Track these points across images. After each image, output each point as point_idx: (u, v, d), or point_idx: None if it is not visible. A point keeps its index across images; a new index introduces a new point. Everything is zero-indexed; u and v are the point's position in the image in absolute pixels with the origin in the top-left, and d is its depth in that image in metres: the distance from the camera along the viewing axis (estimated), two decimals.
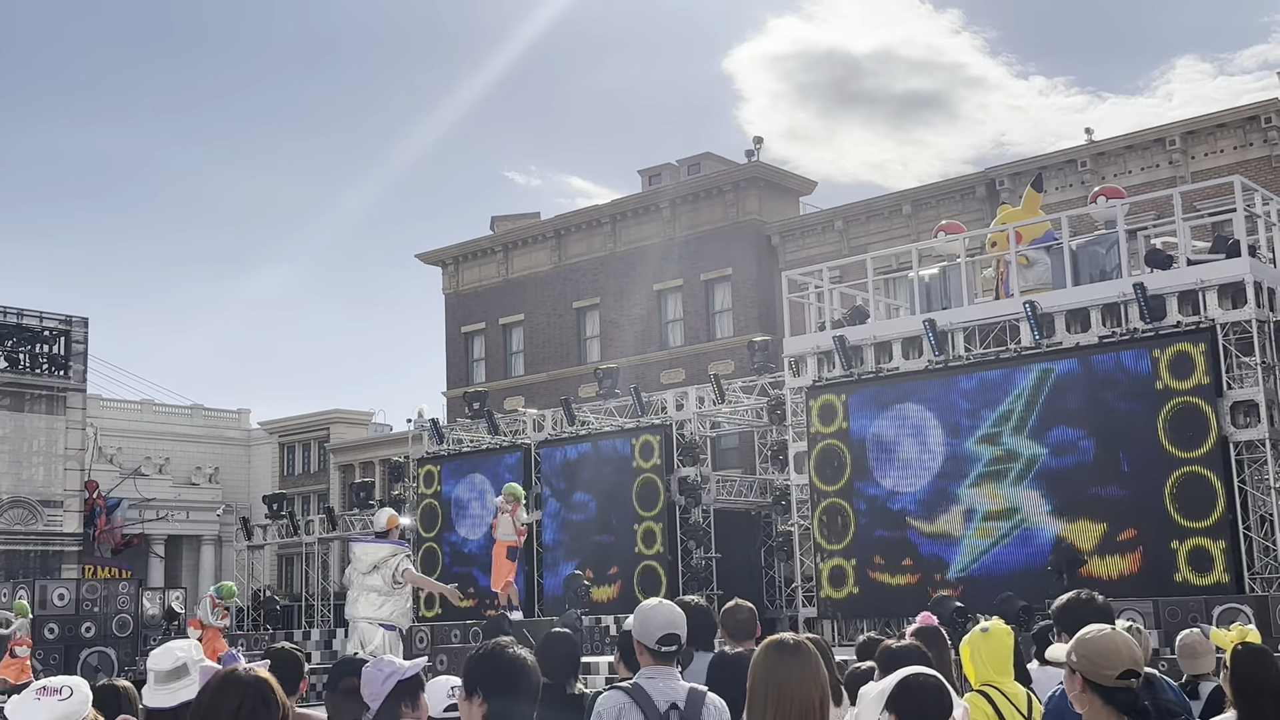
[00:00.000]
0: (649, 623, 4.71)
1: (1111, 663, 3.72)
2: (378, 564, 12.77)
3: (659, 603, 4.91)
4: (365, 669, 4.40)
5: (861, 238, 36.22)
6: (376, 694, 4.22)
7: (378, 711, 4.22)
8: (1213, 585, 17.47)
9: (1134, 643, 3.83)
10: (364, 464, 54.91)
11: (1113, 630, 3.88)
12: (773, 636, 3.99)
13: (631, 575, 25.12)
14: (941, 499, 20.59)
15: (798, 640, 3.88)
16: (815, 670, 3.78)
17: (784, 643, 3.86)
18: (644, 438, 25.64)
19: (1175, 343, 18.44)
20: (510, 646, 3.97)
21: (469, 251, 46.01)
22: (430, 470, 29.45)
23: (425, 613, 28.36)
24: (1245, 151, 31.03)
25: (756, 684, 3.80)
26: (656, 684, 4.56)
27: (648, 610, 4.81)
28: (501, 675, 3.91)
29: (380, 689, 4.22)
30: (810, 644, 3.90)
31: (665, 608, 4.84)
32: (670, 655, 4.65)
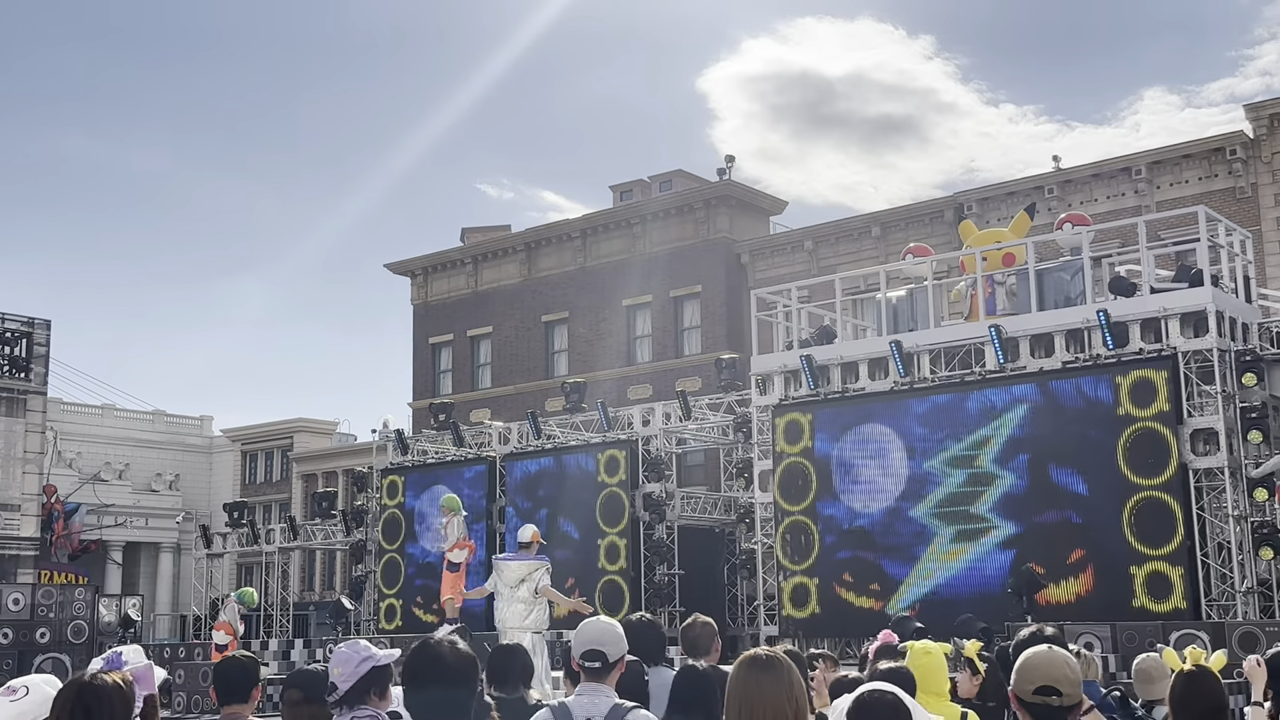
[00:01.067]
0: (575, 639, 4.83)
1: (1030, 678, 3.83)
2: (524, 578, 14.12)
3: (595, 620, 4.97)
4: (340, 649, 4.38)
5: (830, 258, 36.40)
6: (348, 675, 4.19)
7: (346, 692, 4.18)
8: (1170, 611, 17.62)
9: (1062, 662, 3.87)
10: (327, 474, 54.54)
11: (1049, 650, 3.93)
12: (748, 651, 4.02)
13: (594, 590, 25.04)
14: (904, 520, 20.67)
15: (771, 654, 3.90)
16: (788, 684, 3.80)
17: (757, 657, 3.88)
18: (610, 453, 25.61)
19: (1137, 370, 18.62)
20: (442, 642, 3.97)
21: (439, 263, 45.90)
22: (394, 481, 29.29)
23: (385, 625, 28.18)
24: (1210, 183, 31.43)
25: (730, 698, 3.84)
26: (582, 700, 4.62)
27: (581, 627, 4.90)
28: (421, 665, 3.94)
29: (353, 671, 4.18)
30: (785, 658, 3.92)
31: (594, 625, 4.91)
32: (595, 671, 4.71)
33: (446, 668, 3.98)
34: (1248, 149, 31.07)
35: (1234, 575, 17.84)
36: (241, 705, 5.23)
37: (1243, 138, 31.12)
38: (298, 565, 51.58)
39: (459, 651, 4.04)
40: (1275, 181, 30.84)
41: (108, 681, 3.40)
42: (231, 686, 5.25)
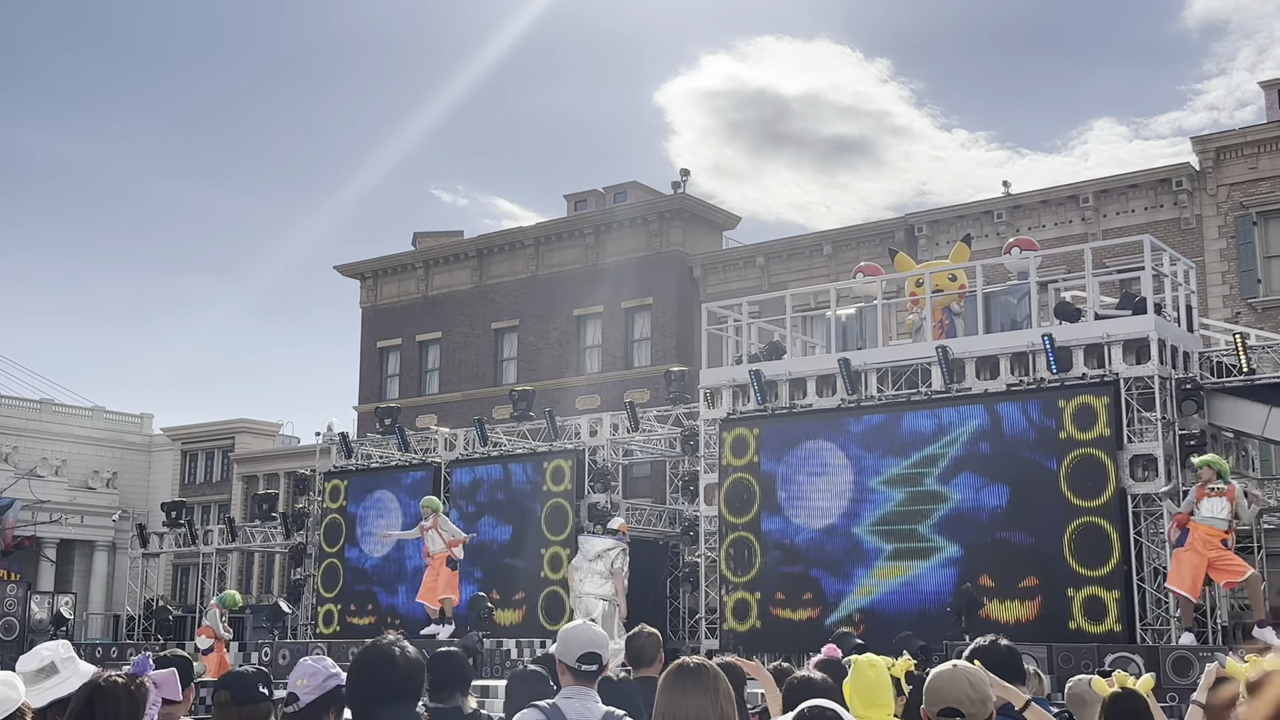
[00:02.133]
0: (570, 641, 4.74)
1: (933, 700, 3.91)
2: (601, 554, 16.66)
3: (581, 623, 4.95)
4: (306, 662, 4.30)
5: (782, 275, 36.60)
6: (312, 689, 4.11)
7: (306, 706, 4.11)
8: (1105, 634, 17.83)
9: (964, 682, 3.90)
10: (269, 475, 53.93)
11: (952, 669, 3.97)
12: (676, 660, 4.01)
13: (537, 600, 24.94)
14: (847, 536, 20.78)
15: (699, 664, 3.90)
16: (714, 693, 3.79)
17: (684, 666, 3.88)
18: (556, 462, 25.53)
19: (1080, 394, 18.86)
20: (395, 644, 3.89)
21: (389, 266, 45.61)
22: (336, 485, 29.00)
23: (323, 629, 27.88)
24: (1156, 213, 31.97)
25: (658, 708, 3.83)
26: (574, 704, 4.55)
27: (569, 630, 4.85)
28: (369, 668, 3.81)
29: (318, 685, 4.11)
30: (713, 667, 3.91)
31: (585, 628, 4.88)
32: (591, 675, 4.67)
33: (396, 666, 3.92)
34: (1193, 181, 31.65)
35: (1168, 600, 18.08)
36: (174, 705, 5.13)
37: (1189, 170, 31.70)
38: (236, 567, 50.95)
39: (407, 654, 3.99)
40: (1219, 214, 31.44)
41: (118, 684, 3.33)
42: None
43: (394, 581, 27.45)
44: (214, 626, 21.42)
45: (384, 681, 3.91)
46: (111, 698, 3.32)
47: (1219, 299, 30.70)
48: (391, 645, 4.01)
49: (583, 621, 4.98)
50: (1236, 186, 31.32)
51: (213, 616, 21.72)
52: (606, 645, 4.80)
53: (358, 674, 3.97)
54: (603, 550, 16.89)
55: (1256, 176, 31.09)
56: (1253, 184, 31.12)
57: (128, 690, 3.36)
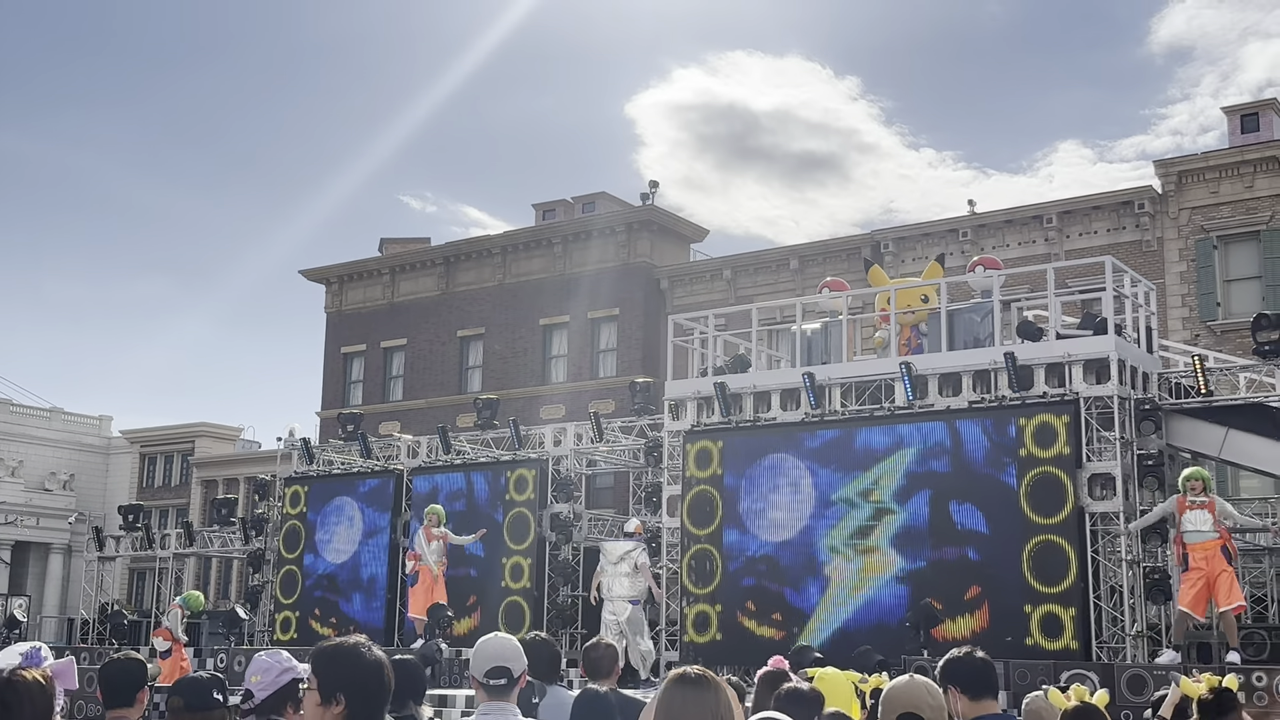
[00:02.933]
0: (477, 655, 4.73)
1: (892, 707, 3.94)
2: (623, 556, 17.78)
3: (494, 636, 4.89)
4: (261, 657, 4.27)
5: (749, 288, 36.73)
6: (267, 685, 4.09)
7: (262, 702, 4.08)
8: (1062, 650, 17.95)
9: (924, 690, 3.94)
10: (228, 480, 53.47)
11: (910, 679, 4.01)
12: (676, 670, 4.03)
13: (496, 609, 24.84)
14: (808, 550, 20.83)
15: (700, 673, 3.91)
16: (715, 703, 3.81)
17: (686, 675, 3.89)
18: (519, 471, 25.46)
19: (1040, 413, 19.01)
20: (371, 647, 3.80)
21: (355, 271, 45.39)
22: (297, 490, 28.79)
23: (280, 636, 27.65)
24: (1118, 234, 32.33)
25: (656, 715, 3.83)
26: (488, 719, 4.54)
27: (479, 644, 4.82)
28: (366, 678, 3.66)
29: (273, 680, 4.08)
30: (714, 677, 3.94)
31: (496, 641, 4.83)
32: (499, 689, 4.63)
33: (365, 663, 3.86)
34: (1155, 204, 32.03)
35: (1124, 619, 18.25)
36: (126, 709, 5.08)
37: (1151, 193, 32.08)
38: (193, 572, 50.44)
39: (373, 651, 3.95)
40: (1180, 237, 31.83)
41: (27, 678, 3.28)
42: (115, 690, 5.10)
43: (353, 590, 27.28)
44: (173, 629, 21.18)
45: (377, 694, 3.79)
46: (25, 691, 3.29)
47: (1179, 321, 31.07)
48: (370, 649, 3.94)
49: (494, 635, 4.94)
50: (1198, 210, 31.72)
51: (173, 617, 21.48)
52: (518, 658, 4.76)
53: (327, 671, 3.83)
54: (624, 553, 17.97)
55: (1218, 201, 31.50)
56: (1214, 208, 31.53)
57: (39, 684, 3.32)
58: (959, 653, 5.10)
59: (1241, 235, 31.23)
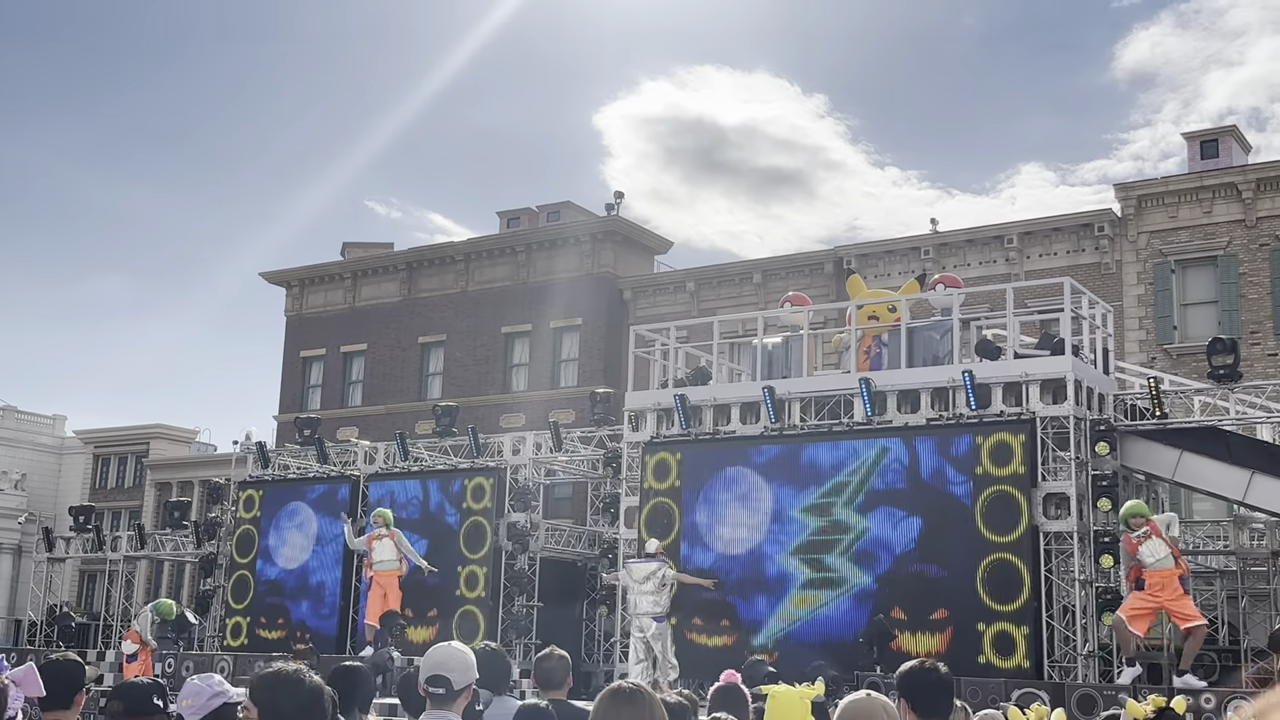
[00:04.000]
0: (423, 664, 4.72)
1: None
2: (649, 575, 18.61)
3: (444, 645, 4.87)
4: (193, 681, 4.20)
5: (711, 301, 36.80)
6: (197, 709, 4.02)
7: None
8: (1014, 669, 18.03)
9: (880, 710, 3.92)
10: (183, 483, 52.88)
11: (866, 698, 3.98)
12: (612, 684, 3.99)
13: (451, 618, 24.66)
14: (764, 564, 20.84)
15: (634, 687, 3.87)
16: (649, 717, 3.77)
17: (620, 690, 3.85)
18: (477, 479, 25.33)
19: (997, 431, 19.12)
20: (310, 674, 3.78)
21: (317, 275, 45.08)
22: (251, 495, 28.50)
23: (230, 642, 27.33)
24: (1077, 256, 32.64)
25: None
26: None
27: (428, 652, 4.81)
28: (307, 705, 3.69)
29: (203, 704, 4.02)
30: (648, 691, 3.90)
31: (441, 650, 4.81)
32: (439, 698, 4.60)
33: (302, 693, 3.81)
34: (1115, 227, 32.38)
35: (1076, 638, 18.37)
36: (64, 711, 4.97)
37: (1111, 216, 32.43)
38: (144, 575, 49.80)
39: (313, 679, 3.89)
40: (1139, 260, 32.18)
41: None
42: (52, 692, 4.99)
43: (305, 596, 27.01)
44: (142, 632, 20.87)
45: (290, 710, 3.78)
46: None
47: (1135, 343, 31.39)
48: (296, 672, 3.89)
49: (446, 644, 4.91)
50: (1157, 234, 32.09)
51: (143, 620, 21.19)
52: (463, 669, 4.73)
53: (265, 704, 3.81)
54: (650, 573, 18.69)
55: (1176, 225, 31.88)
56: (1172, 232, 31.91)
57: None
58: (918, 665, 4.96)
59: (1199, 260, 31.61)
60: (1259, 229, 30.87)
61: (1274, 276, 30.51)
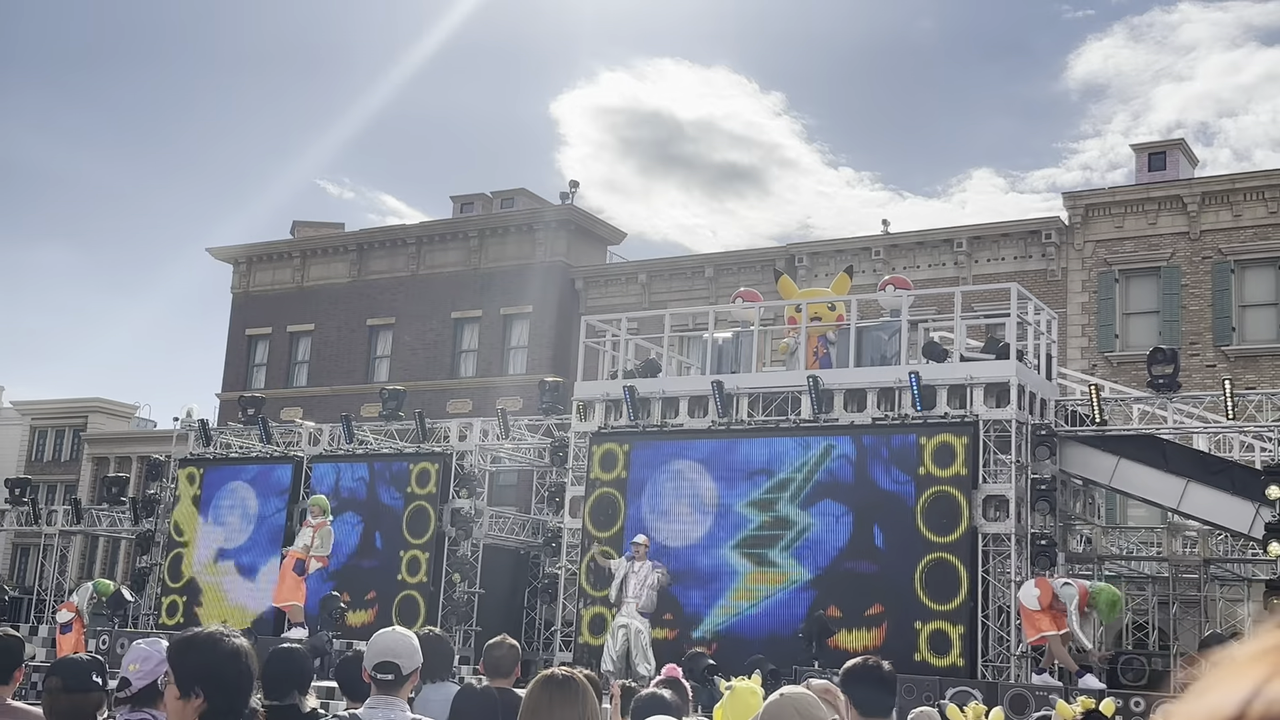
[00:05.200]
0: (370, 648, 4.72)
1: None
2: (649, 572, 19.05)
3: (390, 630, 4.87)
4: (140, 645, 4.18)
5: (663, 294, 36.87)
6: (145, 674, 4.00)
7: (139, 692, 3.99)
8: (948, 667, 18.28)
9: (791, 711, 3.97)
10: (121, 459, 52.16)
11: (780, 698, 4.03)
12: (545, 671, 4.00)
13: (391, 602, 24.56)
14: (707, 557, 20.95)
15: (567, 675, 3.89)
16: (581, 704, 3.79)
17: (553, 677, 3.86)
18: (422, 464, 25.22)
19: (941, 433, 19.35)
20: (229, 636, 3.66)
21: (265, 253, 44.62)
22: (192, 472, 28.18)
23: (166, 620, 27.04)
24: (1024, 262, 33.06)
25: (522, 716, 3.81)
26: (375, 714, 4.51)
27: (373, 637, 4.81)
28: (222, 668, 3.51)
29: (151, 670, 4.00)
30: (581, 678, 3.91)
31: (388, 635, 4.81)
32: (387, 684, 4.61)
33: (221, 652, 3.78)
34: (1062, 235, 32.83)
35: (1010, 638, 18.65)
36: (3, 687, 4.94)
37: (1058, 224, 32.88)
38: (79, 551, 49.07)
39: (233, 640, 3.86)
40: (1084, 268, 32.66)
41: None
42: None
43: (243, 576, 26.77)
44: (80, 604, 20.61)
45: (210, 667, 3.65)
46: None
47: (1078, 350, 31.86)
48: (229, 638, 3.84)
49: (390, 629, 4.93)
50: (1102, 244, 32.57)
51: (83, 593, 20.92)
52: (411, 655, 4.75)
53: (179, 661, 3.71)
54: (649, 571, 19.08)
55: (1122, 235, 32.38)
56: (1118, 242, 32.40)
57: None
58: (861, 662, 5.01)
59: (1142, 270, 32.13)
60: (1202, 242, 31.43)
61: (1215, 289, 31.09)
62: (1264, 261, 30.77)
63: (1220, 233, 31.33)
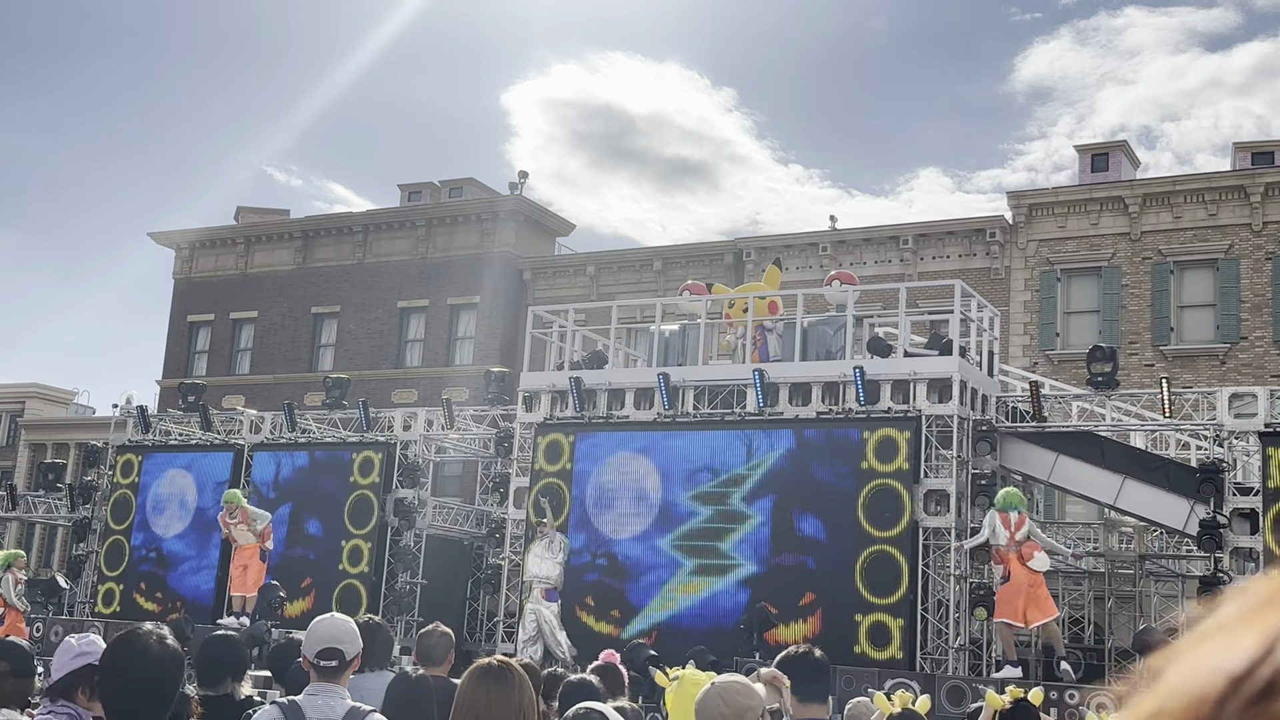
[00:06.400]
0: (311, 635, 4.67)
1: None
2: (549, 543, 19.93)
3: (329, 616, 4.83)
4: (67, 639, 4.13)
5: (611, 286, 36.83)
6: (62, 666, 3.95)
7: (54, 684, 3.94)
8: (887, 660, 18.47)
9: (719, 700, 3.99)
10: (58, 445, 51.31)
11: (710, 687, 4.05)
12: (480, 660, 3.96)
13: (331, 592, 24.37)
14: (651, 549, 20.99)
15: (503, 665, 3.86)
16: (517, 695, 3.76)
17: (489, 667, 3.83)
18: (366, 454, 25.04)
19: (884, 427, 19.52)
20: (150, 634, 3.64)
21: (208, 239, 44.03)
22: (130, 460, 27.79)
23: (103, 609, 26.66)
24: (969, 260, 33.39)
25: (458, 707, 3.78)
26: (316, 701, 4.46)
27: (313, 624, 4.76)
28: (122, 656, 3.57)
29: (67, 663, 3.94)
30: (517, 669, 3.88)
31: (331, 622, 4.77)
32: (330, 670, 4.57)
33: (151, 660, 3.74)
34: (1006, 234, 33.18)
35: (949, 631, 18.87)
36: None
37: (1002, 223, 33.23)
38: (13, 538, 48.26)
39: (165, 645, 3.83)
40: (1027, 267, 33.04)
41: None
42: None
43: (181, 564, 26.46)
44: (6, 594, 20.12)
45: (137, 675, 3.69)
46: None
47: (1019, 348, 32.24)
48: (148, 636, 3.82)
49: (330, 615, 4.89)
50: (1045, 243, 32.97)
51: (6, 585, 20.42)
52: (353, 641, 4.72)
53: (110, 666, 3.76)
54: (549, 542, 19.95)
55: (1064, 235, 32.78)
56: (1060, 242, 32.81)
57: None
58: (794, 651, 5.14)
59: (1084, 270, 32.56)
60: (1143, 243, 31.91)
61: (1155, 289, 31.58)
62: (1202, 263, 31.29)
63: (1160, 234, 31.83)
